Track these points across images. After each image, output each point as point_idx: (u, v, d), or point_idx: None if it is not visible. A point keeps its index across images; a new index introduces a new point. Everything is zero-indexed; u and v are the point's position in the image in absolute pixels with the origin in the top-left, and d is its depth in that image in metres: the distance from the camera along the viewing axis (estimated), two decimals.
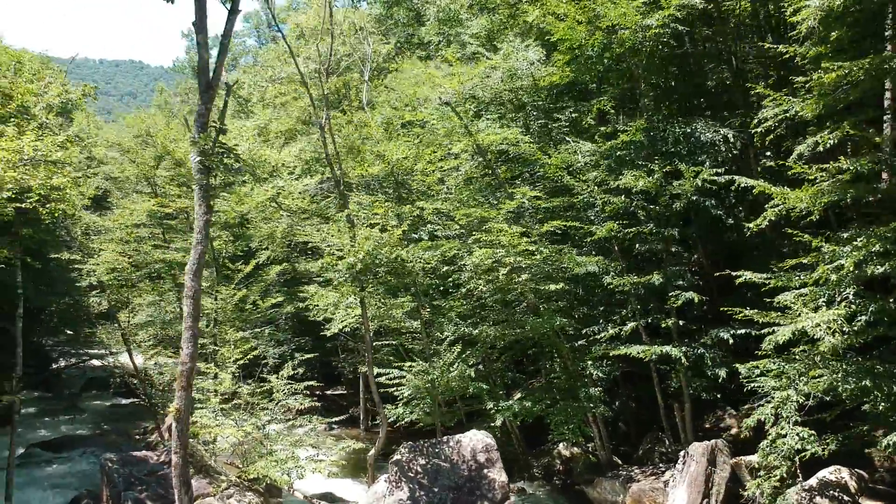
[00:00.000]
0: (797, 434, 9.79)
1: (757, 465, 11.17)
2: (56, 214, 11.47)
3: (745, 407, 19.41)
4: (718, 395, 18.93)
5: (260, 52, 39.08)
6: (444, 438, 13.65)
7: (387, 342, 19.17)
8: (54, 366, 34.95)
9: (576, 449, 18.30)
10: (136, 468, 15.59)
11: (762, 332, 11.43)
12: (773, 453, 10.16)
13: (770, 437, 10.30)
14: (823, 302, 10.37)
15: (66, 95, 14.53)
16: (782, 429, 10.02)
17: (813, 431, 9.87)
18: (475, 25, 21.43)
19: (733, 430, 18.81)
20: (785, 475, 10.21)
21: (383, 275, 13.75)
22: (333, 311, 14.79)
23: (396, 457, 13.31)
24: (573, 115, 18.53)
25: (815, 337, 9.65)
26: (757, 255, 17.64)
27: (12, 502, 15.07)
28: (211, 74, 8.97)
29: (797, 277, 11.72)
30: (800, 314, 10.33)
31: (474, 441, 13.39)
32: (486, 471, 13.01)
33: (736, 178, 12.31)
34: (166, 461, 16.12)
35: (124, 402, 32.46)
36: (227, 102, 9.63)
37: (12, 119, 12.86)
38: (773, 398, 10.47)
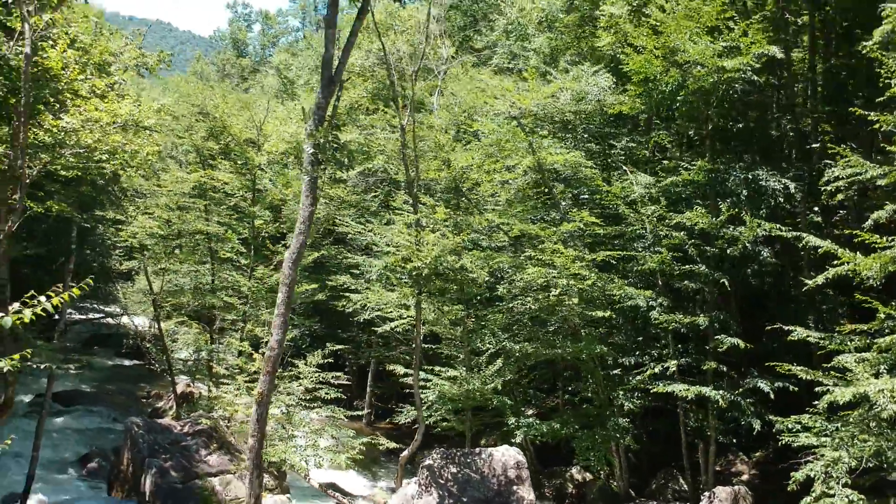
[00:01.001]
0: (847, 496, 9.91)
1: None
2: (139, 175, 11.50)
3: (757, 454, 19.63)
4: (734, 440, 19.12)
5: (314, 36, 39.09)
6: (477, 450, 13.73)
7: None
8: (57, 317, 34.96)
9: (588, 475, 18.39)
10: (160, 436, 15.65)
11: (814, 389, 11.56)
12: None
13: (814, 495, 10.40)
14: (885, 369, 10.49)
15: (141, 59, 14.56)
16: (830, 488, 10.14)
17: (862, 496, 9.99)
18: (539, 42, 21.55)
19: (744, 477, 18.97)
20: None
21: (437, 281, 13.81)
22: (388, 311, 14.88)
23: (428, 461, 13.38)
24: (629, 144, 18.66)
25: (877, 403, 9.77)
26: (794, 307, 17.82)
27: (39, 452, 15.11)
28: (334, 70, 9.04)
29: (852, 341, 11.86)
30: (858, 378, 10.45)
31: (506, 456, 13.47)
32: (515, 487, 13.10)
33: (804, 235, 12.41)
34: (189, 433, 16.20)
35: (127, 363, 32.53)
36: (339, 97, 9.69)
37: (89, 75, 12.85)
38: (821, 456, 10.58)
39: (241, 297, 19.74)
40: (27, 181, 9.02)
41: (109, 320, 31.00)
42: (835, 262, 12.18)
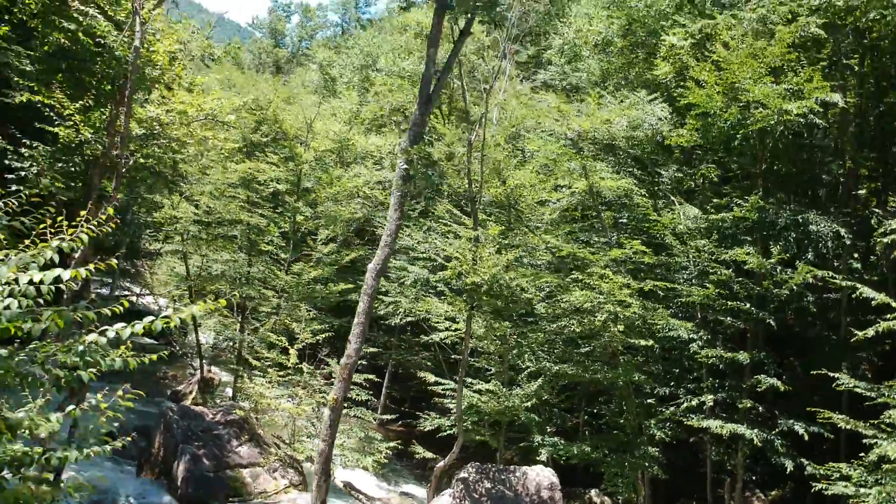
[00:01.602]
0: None
1: None
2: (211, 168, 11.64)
3: (773, 493, 19.70)
4: (753, 477, 19.19)
5: (361, 35, 39.22)
6: (511, 467, 13.82)
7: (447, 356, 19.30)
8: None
9: (607, 498, 18.44)
10: (193, 422, 15.76)
11: (855, 437, 11.63)
12: None
13: None
14: None
15: (209, 50, 14.67)
16: None
17: None
18: (591, 64, 21.67)
19: None
20: None
21: (486, 297, 13.91)
22: (437, 322, 14.99)
23: (463, 474, 13.48)
24: (677, 174, 18.71)
25: None
26: (829, 350, 17.84)
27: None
28: (432, 88, 9.16)
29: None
30: None
31: (540, 476, 13.56)
32: None
33: (858, 286, 12.47)
34: (221, 421, 16.30)
35: (148, 340, 32.65)
36: (429, 113, 9.83)
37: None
38: None
39: (276, 290, 19.88)
40: (124, 170, 9.18)
41: (133, 298, 31.15)
42: (888, 315, 12.23)
